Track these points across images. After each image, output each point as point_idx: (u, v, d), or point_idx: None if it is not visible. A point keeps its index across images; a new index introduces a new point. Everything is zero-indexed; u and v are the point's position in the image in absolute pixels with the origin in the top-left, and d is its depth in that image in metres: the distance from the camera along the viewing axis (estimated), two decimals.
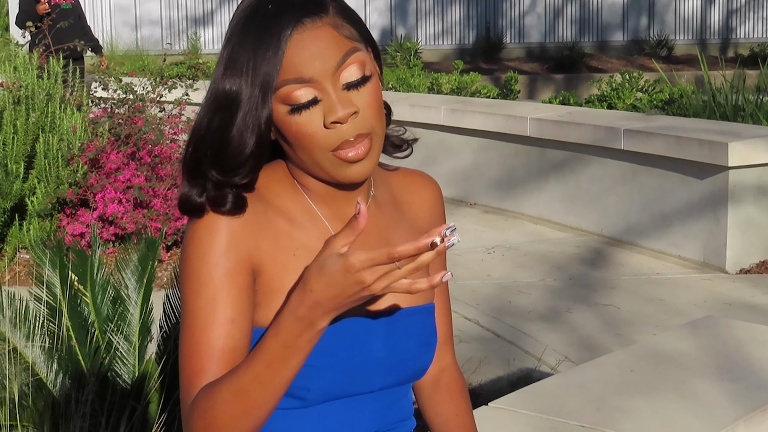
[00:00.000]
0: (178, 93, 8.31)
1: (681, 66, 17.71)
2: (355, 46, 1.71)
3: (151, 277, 3.86)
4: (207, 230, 1.70)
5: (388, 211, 1.87)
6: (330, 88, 1.68)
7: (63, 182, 7.11)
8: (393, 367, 1.80)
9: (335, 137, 1.68)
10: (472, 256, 7.43)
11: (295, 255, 1.75)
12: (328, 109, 1.68)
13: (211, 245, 1.69)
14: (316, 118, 1.68)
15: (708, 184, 7.09)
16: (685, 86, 10.96)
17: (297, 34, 1.67)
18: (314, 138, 1.69)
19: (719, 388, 3.39)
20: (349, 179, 1.72)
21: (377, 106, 1.72)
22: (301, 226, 1.77)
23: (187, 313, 1.70)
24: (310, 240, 1.76)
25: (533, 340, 5.72)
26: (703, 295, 6.50)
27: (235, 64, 1.69)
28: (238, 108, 1.68)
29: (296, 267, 1.74)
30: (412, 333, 1.82)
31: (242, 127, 1.68)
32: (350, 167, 1.70)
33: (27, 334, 3.71)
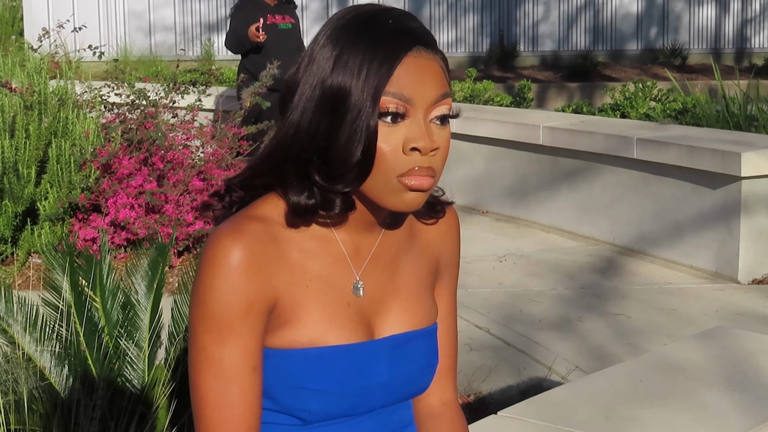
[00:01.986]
0: (191, 99, 8.32)
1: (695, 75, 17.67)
2: (450, 92, 1.73)
3: (161, 283, 3.86)
4: (225, 273, 1.67)
5: (400, 237, 1.87)
6: (421, 116, 1.68)
7: (75, 187, 7.12)
8: (395, 389, 1.80)
9: (408, 163, 1.68)
10: (484, 263, 7.42)
11: (308, 287, 1.74)
12: (414, 135, 1.67)
13: (230, 289, 1.67)
14: (395, 139, 1.67)
15: (721, 194, 7.07)
16: (698, 96, 10.94)
17: (412, 57, 1.68)
18: (387, 158, 1.67)
19: (729, 399, 3.38)
20: (400, 207, 1.71)
21: (447, 153, 1.73)
22: (315, 255, 1.76)
23: (209, 361, 1.68)
24: (323, 269, 1.76)
25: (544, 349, 5.71)
26: (715, 305, 6.48)
27: (345, 66, 1.67)
28: (347, 111, 1.66)
29: (308, 298, 1.73)
30: (416, 356, 1.82)
31: (350, 133, 1.66)
32: (406, 194, 1.69)
33: (38, 339, 3.71)
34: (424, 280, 1.88)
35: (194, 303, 1.70)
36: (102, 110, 7.94)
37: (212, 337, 1.68)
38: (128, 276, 3.92)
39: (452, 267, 1.96)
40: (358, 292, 1.78)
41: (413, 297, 1.84)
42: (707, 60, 18.31)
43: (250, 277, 1.68)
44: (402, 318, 1.81)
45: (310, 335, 1.72)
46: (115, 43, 17.35)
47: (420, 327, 1.83)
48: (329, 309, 1.74)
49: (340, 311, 1.75)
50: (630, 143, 7.66)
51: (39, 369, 3.64)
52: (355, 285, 1.78)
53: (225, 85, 12.33)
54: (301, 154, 1.70)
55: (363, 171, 1.68)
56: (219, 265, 1.67)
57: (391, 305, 1.81)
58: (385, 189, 1.69)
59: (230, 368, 1.67)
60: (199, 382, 1.69)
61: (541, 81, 17.71)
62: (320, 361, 1.71)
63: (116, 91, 8.04)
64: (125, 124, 7.62)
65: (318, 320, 1.73)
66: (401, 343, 1.80)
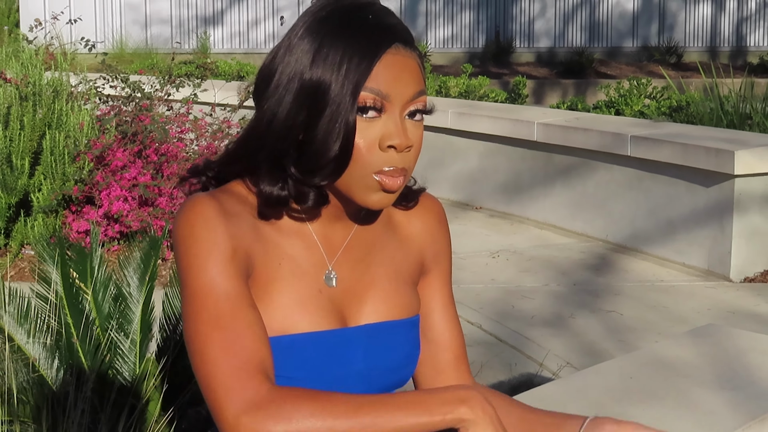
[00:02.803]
0: (186, 92, 8.32)
1: (690, 73, 17.68)
2: (425, 89, 1.74)
3: (154, 275, 3.86)
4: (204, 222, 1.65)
5: (378, 229, 1.86)
6: (397, 114, 1.69)
7: (69, 179, 7.11)
8: (373, 380, 1.79)
9: (384, 161, 1.69)
10: (477, 259, 7.42)
11: (280, 264, 1.74)
12: (390, 133, 1.69)
13: (212, 236, 1.65)
14: (371, 135, 1.68)
15: (714, 192, 7.08)
16: (693, 94, 10.95)
17: (390, 54, 1.70)
18: (364, 153, 1.68)
19: (720, 397, 3.38)
20: (370, 205, 1.72)
21: (419, 151, 1.74)
22: (288, 236, 1.76)
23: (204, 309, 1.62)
24: (295, 251, 1.76)
25: (536, 345, 5.71)
26: (707, 303, 6.48)
27: (325, 59, 1.68)
28: (326, 105, 1.67)
29: (280, 277, 1.73)
30: (394, 346, 1.81)
31: (328, 127, 1.67)
32: (378, 194, 1.70)
33: (29, 331, 3.71)
34: (403, 273, 1.87)
35: (178, 258, 1.66)
36: (97, 102, 7.93)
37: (203, 285, 1.63)
38: (120, 268, 3.91)
39: (442, 259, 1.95)
40: (330, 282, 1.77)
41: (391, 288, 1.83)
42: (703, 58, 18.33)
43: (226, 223, 1.66)
44: (379, 308, 1.81)
45: (280, 321, 1.70)
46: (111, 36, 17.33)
47: (399, 317, 1.83)
48: (301, 293, 1.73)
49: (312, 298, 1.74)
50: (624, 141, 7.67)
51: (30, 361, 3.64)
52: (328, 275, 1.78)
53: (220, 78, 12.32)
54: (277, 144, 1.70)
55: (340, 166, 1.68)
56: (196, 216, 1.66)
57: (366, 296, 1.81)
58: (359, 185, 1.70)
59: (230, 311, 1.62)
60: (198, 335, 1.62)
61: (537, 77, 17.72)
62: (292, 348, 1.70)
63: (111, 83, 8.04)
64: (120, 117, 7.62)
65: (288, 304, 1.72)
66: (378, 332, 1.79)
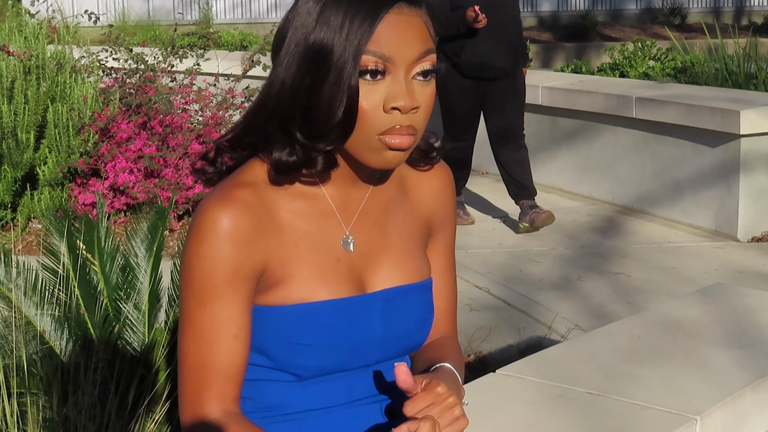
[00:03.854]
0: (189, 63, 8.30)
1: (694, 34, 17.60)
2: (433, 48, 1.72)
3: (161, 246, 3.86)
4: (212, 240, 1.68)
5: (391, 192, 1.86)
6: (401, 75, 1.68)
7: (74, 152, 7.11)
8: (390, 344, 1.80)
9: (388, 122, 1.68)
10: (484, 224, 7.42)
11: (297, 246, 1.74)
12: (394, 95, 1.67)
13: (216, 256, 1.68)
14: (376, 97, 1.67)
15: (720, 152, 7.06)
16: (697, 54, 10.90)
17: (393, 14, 1.67)
18: (368, 116, 1.67)
19: (728, 355, 3.38)
20: (380, 165, 1.71)
21: (430, 110, 1.72)
22: (302, 212, 1.76)
23: (191, 324, 1.70)
24: (311, 226, 1.76)
25: (544, 309, 5.71)
26: (714, 263, 6.48)
27: (328, 22, 1.67)
28: (329, 69, 1.66)
29: (298, 257, 1.74)
30: (410, 310, 1.81)
31: (331, 92, 1.66)
32: (387, 153, 1.69)
33: (37, 303, 3.72)
34: (414, 236, 1.88)
35: (182, 268, 1.71)
36: (100, 75, 7.92)
37: (195, 301, 1.70)
38: (128, 239, 3.91)
39: (447, 224, 1.96)
40: (348, 246, 1.78)
41: (405, 252, 1.84)
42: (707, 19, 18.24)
43: (236, 244, 1.68)
44: (394, 272, 1.81)
45: (300, 292, 1.72)
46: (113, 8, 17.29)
47: (413, 281, 1.83)
48: (319, 265, 1.74)
49: (330, 267, 1.75)
50: (629, 103, 7.65)
51: (39, 333, 3.65)
52: (345, 240, 1.78)
53: (223, 49, 12.29)
54: (284, 111, 1.70)
55: (345, 130, 1.68)
56: (206, 231, 1.68)
57: (382, 260, 1.81)
58: (366, 147, 1.69)
59: (209, 333, 1.69)
60: (181, 343, 1.71)
61: (541, 41, 17.66)
62: (311, 316, 1.71)
63: (114, 55, 8.02)
64: (124, 89, 7.61)
65: (308, 277, 1.73)
66: (394, 297, 1.80)
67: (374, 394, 1.81)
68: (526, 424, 2.94)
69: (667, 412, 2.98)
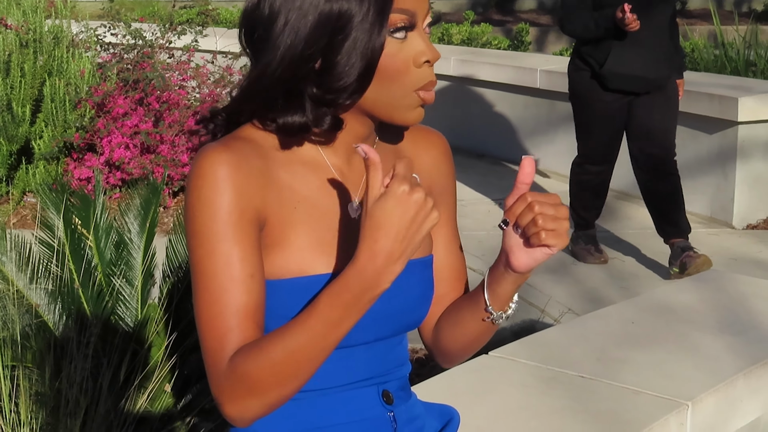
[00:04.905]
0: (187, 39, 8.28)
1: (694, 20, 17.57)
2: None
3: (154, 222, 3.86)
4: (213, 183, 1.64)
5: (389, 164, 1.85)
6: (421, 29, 1.71)
7: (70, 126, 7.10)
8: (389, 320, 1.78)
9: (425, 76, 1.70)
10: (479, 207, 7.42)
11: (296, 208, 1.72)
12: (423, 49, 1.69)
13: (218, 199, 1.64)
14: (404, 52, 1.69)
15: (717, 138, 7.06)
16: (697, 40, 10.89)
17: None
18: (405, 74, 1.69)
19: (720, 342, 3.39)
20: (414, 121, 1.73)
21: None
22: (303, 176, 1.74)
23: (203, 273, 1.64)
24: (311, 191, 1.74)
25: (537, 292, 5.72)
26: (709, 250, 6.48)
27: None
28: (349, 34, 1.66)
29: (296, 221, 1.71)
30: (410, 286, 1.79)
31: (351, 50, 1.66)
32: (416, 110, 1.72)
33: (31, 277, 3.72)
34: None
35: (186, 221, 1.67)
36: (98, 50, 7.90)
37: (204, 250, 1.64)
38: (122, 215, 3.91)
39: (448, 193, 1.94)
40: (354, 212, 1.76)
41: None
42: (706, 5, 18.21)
43: (238, 186, 1.65)
44: None
45: (298, 262, 1.70)
46: None
47: (414, 257, 1.82)
48: (318, 234, 1.72)
49: (329, 238, 1.73)
50: None
51: (33, 307, 3.65)
52: (354, 206, 1.76)
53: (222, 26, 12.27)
54: (295, 73, 1.68)
55: (361, 86, 1.68)
56: (205, 177, 1.65)
57: None
58: (401, 104, 1.70)
59: (222, 277, 1.63)
60: (196, 300, 1.65)
61: (540, 25, 17.63)
62: (310, 290, 1.68)
63: (112, 31, 8.00)
64: (121, 64, 7.59)
65: (306, 246, 1.71)
66: None
67: (372, 376, 1.80)
68: (517, 406, 2.94)
69: (658, 397, 2.99)
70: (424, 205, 1.53)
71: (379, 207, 1.52)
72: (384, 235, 1.52)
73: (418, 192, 1.52)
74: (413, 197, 1.52)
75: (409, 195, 1.52)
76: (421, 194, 1.52)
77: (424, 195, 1.53)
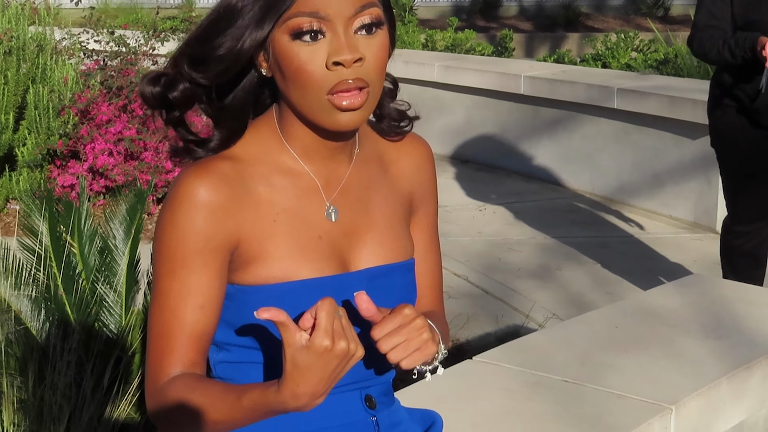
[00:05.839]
0: (171, 46, 8.27)
1: (677, 26, 17.62)
2: (376, 2, 1.72)
3: (139, 228, 3.85)
4: (186, 209, 1.69)
5: (372, 169, 1.86)
6: (341, 31, 1.68)
7: (53, 133, 7.08)
8: (372, 325, 1.78)
9: (334, 78, 1.67)
10: (464, 212, 7.42)
11: (275, 221, 1.74)
12: (334, 50, 1.67)
13: (188, 225, 1.69)
14: (319, 57, 1.68)
15: (700, 144, 7.07)
16: (680, 46, 10.92)
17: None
18: (313, 76, 1.68)
19: (704, 346, 3.39)
20: (337, 126, 1.71)
21: (381, 63, 1.72)
22: (282, 188, 1.76)
23: (159, 292, 1.72)
24: (291, 202, 1.76)
25: (522, 297, 5.72)
26: (693, 255, 6.50)
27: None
28: (236, 21, 1.69)
29: (276, 232, 1.74)
30: (393, 290, 1.80)
31: (232, 35, 1.70)
32: (341, 114, 1.69)
33: (14, 284, 3.70)
34: (398, 213, 1.87)
35: (155, 237, 1.73)
36: (81, 57, 7.88)
37: (165, 269, 1.71)
38: (106, 222, 3.91)
39: (428, 199, 1.95)
40: (330, 217, 1.77)
41: (388, 230, 1.83)
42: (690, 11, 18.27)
43: (209, 215, 1.69)
44: (377, 251, 1.81)
45: (281, 270, 1.72)
46: None
47: (396, 260, 1.82)
48: (300, 242, 1.74)
49: (312, 244, 1.75)
50: (611, 93, 7.65)
51: (15, 313, 3.64)
52: (328, 211, 1.78)
53: None
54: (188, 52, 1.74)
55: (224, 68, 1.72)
56: (180, 201, 1.70)
57: (365, 238, 1.81)
58: (319, 109, 1.70)
59: (175, 302, 1.70)
60: (150, 311, 1.73)
61: (524, 31, 17.67)
62: (293, 295, 1.70)
63: (95, 38, 7.99)
64: (105, 71, 7.58)
65: (288, 254, 1.73)
66: (377, 276, 1.79)
67: (355, 380, 1.80)
68: (502, 411, 2.94)
69: (642, 401, 2.99)
70: (347, 353, 1.54)
71: (301, 358, 1.53)
72: (306, 381, 1.54)
73: (340, 343, 1.52)
74: (335, 350, 1.52)
75: (331, 350, 1.52)
76: (343, 344, 1.52)
77: (346, 344, 1.53)
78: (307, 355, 1.52)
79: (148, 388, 1.73)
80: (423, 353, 1.69)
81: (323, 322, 1.51)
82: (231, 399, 1.62)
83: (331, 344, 1.51)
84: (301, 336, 1.52)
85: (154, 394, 1.72)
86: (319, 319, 1.52)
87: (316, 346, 1.51)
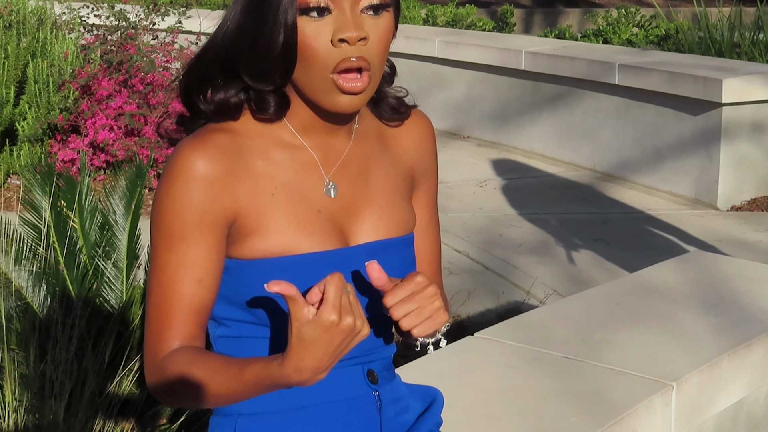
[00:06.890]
0: (171, 21, 8.24)
1: (678, 2, 17.57)
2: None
3: (139, 204, 3.85)
4: (183, 182, 1.69)
5: (371, 144, 1.86)
6: (348, 8, 1.68)
7: (54, 108, 7.07)
8: (373, 301, 1.78)
9: (337, 55, 1.68)
10: (464, 188, 7.42)
11: (273, 195, 1.74)
12: (340, 26, 1.67)
13: (185, 199, 1.69)
14: (324, 33, 1.68)
15: (701, 120, 7.07)
16: (681, 22, 10.89)
17: None
18: (318, 53, 1.68)
19: (705, 322, 3.40)
20: (338, 108, 1.71)
21: (385, 45, 1.72)
22: (280, 162, 1.76)
23: (157, 265, 1.72)
24: (289, 177, 1.76)
25: (523, 274, 5.73)
26: (693, 231, 6.50)
27: None
28: (268, 14, 1.68)
29: (274, 206, 1.74)
30: (393, 264, 1.80)
31: (271, 30, 1.68)
32: (342, 97, 1.70)
33: (15, 259, 3.70)
34: (399, 188, 1.87)
35: (152, 209, 1.73)
36: (81, 31, 7.86)
37: (162, 243, 1.71)
38: (107, 197, 3.90)
39: (429, 175, 1.95)
40: (330, 193, 1.78)
41: (389, 204, 1.83)
42: None
43: (206, 187, 1.69)
44: (378, 225, 1.81)
45: (280, 243, 1.72)
46: None
47: (396, 235, 1.83)
48: (298, 216, 1.74)
49: (311, 218, 1.75)
50: (612, 69, 7.64)
51: (16, 289, 3.64)
52: (327, 187, 1.78)
53: (206, 7, 12.22)
54: (228, 54, 1.73)
55: (286, 66, 1.70)
56: (177, 174, 1.70)
57: (365, 212, 1.81)
58: (321, 87, 1.70)
59: (173, 275, 1.71)
60: (148, 284, 1.74)
61: (524, 6, 17.62)
62: (293, 269, 1.71)
63: (96, 12, 7.97)
64: (105, 46, 7.56)
65: (287, 228, 1.73)
66: (377, 251, 1.79)
67: (356, 355, 1.80)
68: (502, 387, 2.95)
69: (643, 378, 3.00)
70: (353, 329, 1.54)
71: (308, 332, 1.53)
72: (310, 355, 1.54)
73: (347, 318, 1.53)
74: (342, 325, 1.53)
75: (337, 325, 1.53)
76: (350, 320, 1.53)
77: (353, 319, 1.53)
78: (313, 329, 1.52)
79: (147, 362, 1.73)
80: (435, 321, 1.70)
81: (332, 297, 1.52)
82: (232, 372, 1.63)
83: (338, 319, 1.52)
84: (309, 310, 1.52)
85: (153, 367, 1.72)
86: (328, 293, 1.52)
87: (323, 320, 1.51)
